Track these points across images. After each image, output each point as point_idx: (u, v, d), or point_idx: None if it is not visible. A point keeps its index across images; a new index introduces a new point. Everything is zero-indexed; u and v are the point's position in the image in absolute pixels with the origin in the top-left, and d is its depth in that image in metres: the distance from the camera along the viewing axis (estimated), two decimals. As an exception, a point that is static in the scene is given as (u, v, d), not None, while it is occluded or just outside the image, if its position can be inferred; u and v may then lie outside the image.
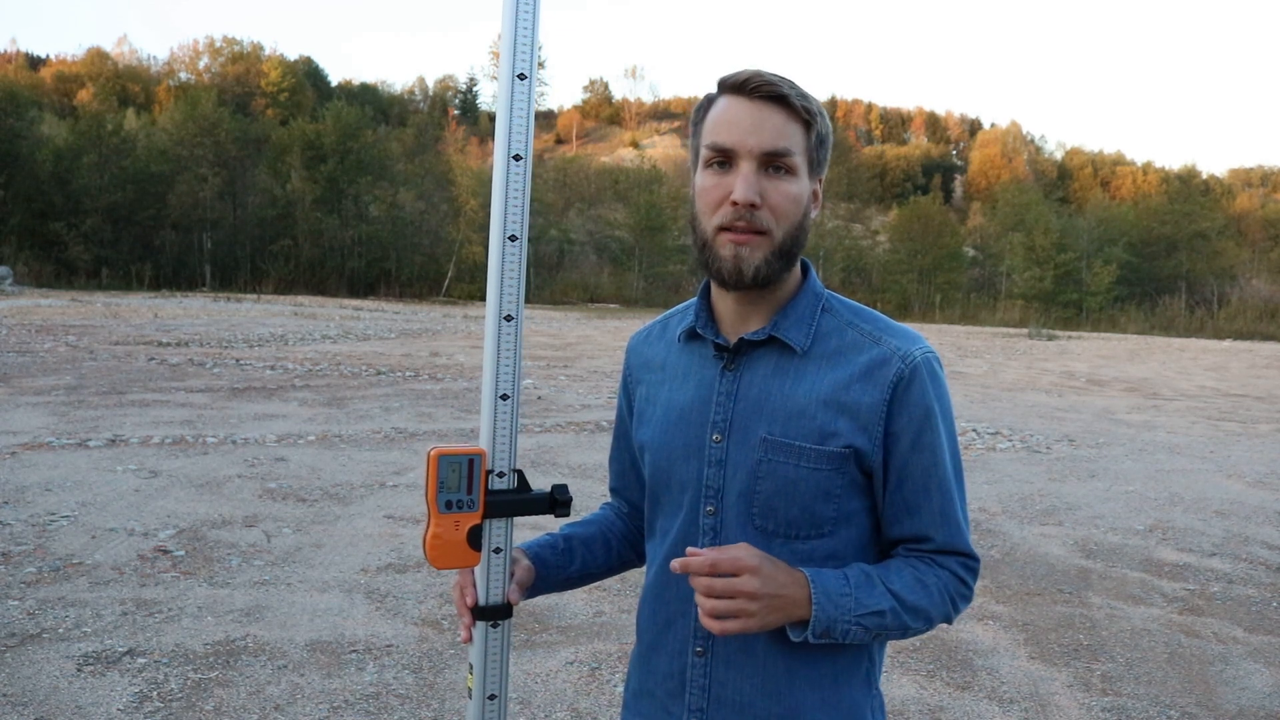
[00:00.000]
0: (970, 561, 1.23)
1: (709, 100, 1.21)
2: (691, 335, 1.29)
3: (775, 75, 1.15)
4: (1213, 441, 10.24)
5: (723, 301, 1.25)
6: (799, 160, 1.15)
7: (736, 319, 1.24)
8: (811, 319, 1.22)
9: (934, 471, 1.19)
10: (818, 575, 1.14)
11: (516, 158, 1.14)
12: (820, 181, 1.22)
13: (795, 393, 1.18)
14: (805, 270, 1.26)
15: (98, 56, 73.15)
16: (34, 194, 41.07)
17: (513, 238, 1.15)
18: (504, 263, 1.15)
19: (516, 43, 1.13)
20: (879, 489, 1.20)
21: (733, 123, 1.15)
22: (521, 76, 1.13)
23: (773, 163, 1.14)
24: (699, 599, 1.11)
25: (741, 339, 1.22)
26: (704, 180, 1.18)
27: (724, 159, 1.16)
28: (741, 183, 1.13)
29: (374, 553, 5.08)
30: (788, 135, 1.14)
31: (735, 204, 1.13)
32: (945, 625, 1.25)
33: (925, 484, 1.19)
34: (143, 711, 3.24)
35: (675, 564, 1.11)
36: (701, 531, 1.23)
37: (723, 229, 1.15)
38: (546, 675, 3.70)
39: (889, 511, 1.21)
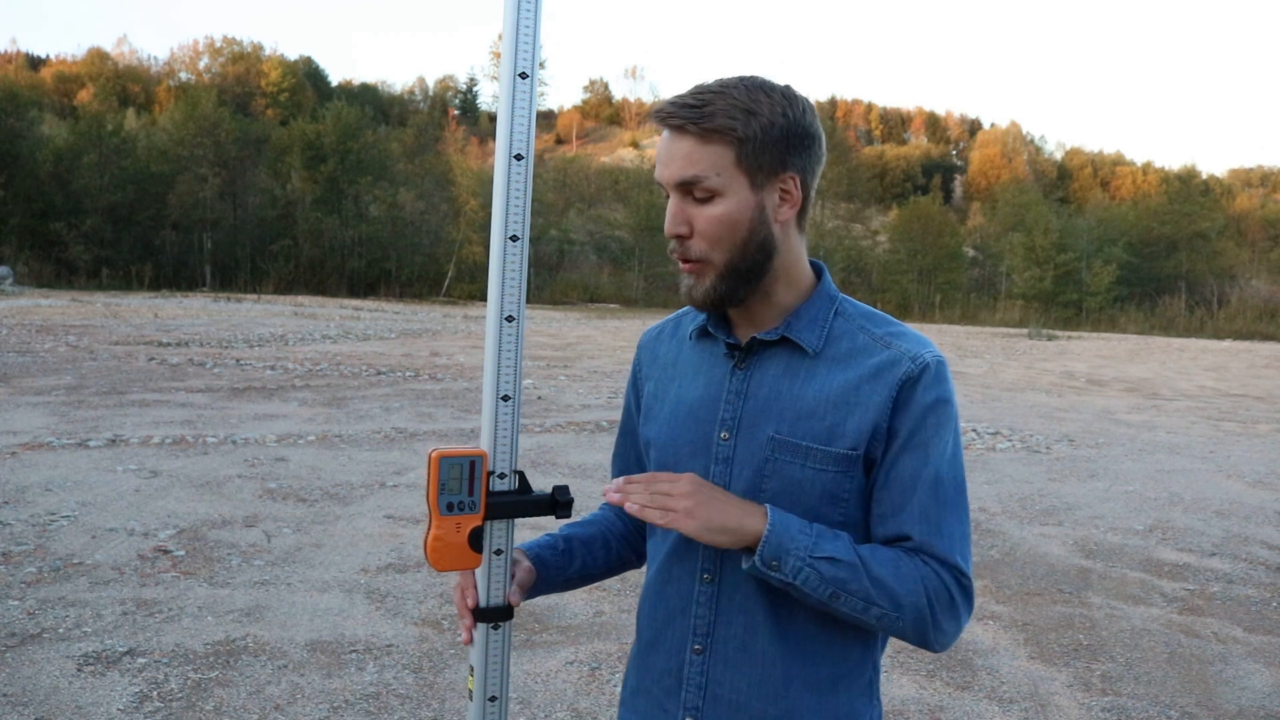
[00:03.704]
0: (961, 578, 1.15)
1: None
2: (703, 333, 1.29)
3: (688, 97, 1.14)
4: (1213, 441, 10.23)
5: None
6: (719, 182, 1.13)
7: (748, 319, 1.24)
8: (824, 321, 1.22)
9: (923, 471, 1.16)
10: (778, 509, 1.14)
11: (518, 157, 1.14)
12: (790, 179, 1.17)
13: (805, 393, 1.18)
14: (819, 273, 1.26)
15: (98, 56, 73.14)
16: (34, 194, 41.01)
17: (514, 238, 1.15)
18: (505, 263, 1.15)
19: (518, 41, 1.13)
20: (869, 487, 1.19)
21: (657, 156, 1.18)
22: (523, 75, 1.13)
23: (690, 191, 1.15)
24: (640, 497, 1.13)
25: (754, 338, 1.22)
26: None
27: (665, 191, 1.19)
28: (667, 216, 1.17)
29: (374, 553, 5.08)
30: (697, 161, 1.13)
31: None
32: (926, 643, 1.15)
33: (913, 483, 1.16)
34: (143, 711, 3.23)
35: (618, 483, 1.14)
36: None
37: (676, 256, 1.20)
38: (546, 675, 3.70)
39: (875, 510, 1.18)
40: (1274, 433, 11.20)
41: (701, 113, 1.13)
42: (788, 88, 1.17)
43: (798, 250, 1.23)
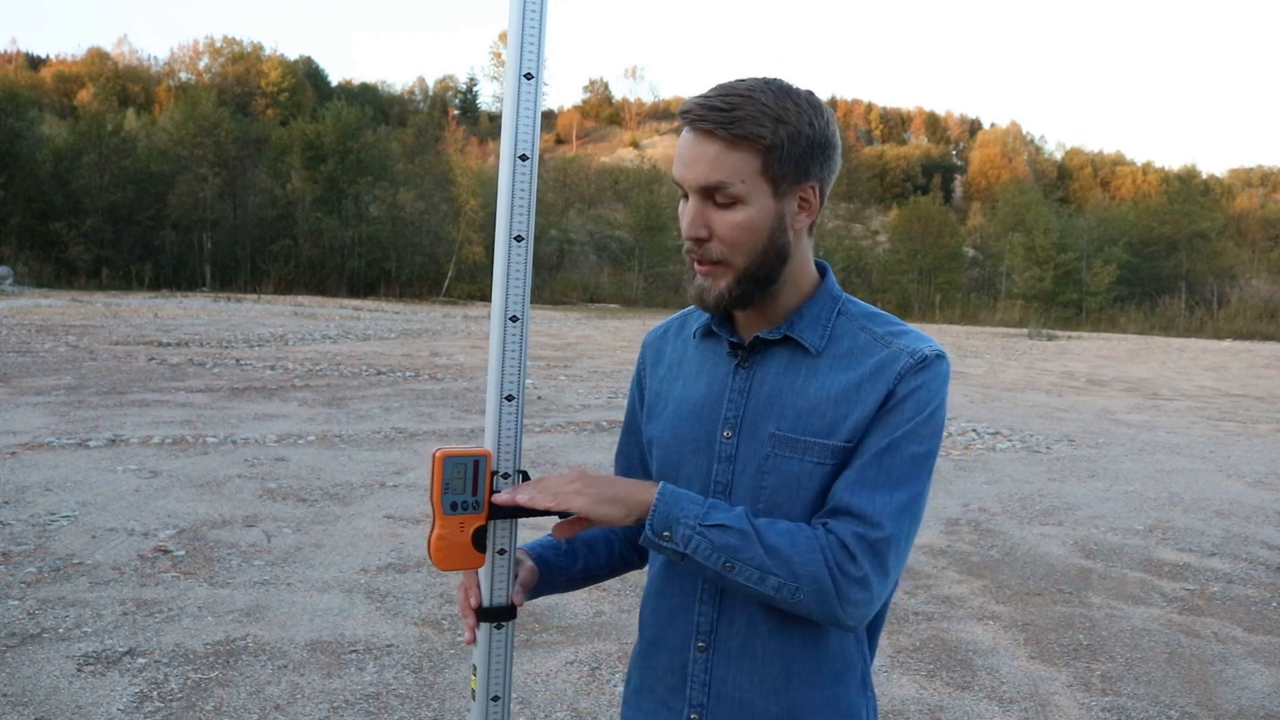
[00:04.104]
0: (869, 531, 1.10)
1: None
2: (707, 332, 1.30)
3: (716, 99, 1.12)
4: (1213, 441, 10.24)
5: None
6: (743, 189, 1.13)
7: (752, 318, 1.24)
8: (827, 321, 1.22)
9: (879, 444, 1.14)
10: (672, 485, 1.17)
11: (523, 158, 1.14)
12: (810, 188, 1.18)
13: (806, 391, 1.19)
14: (823, 272, 1.27)
15: (98, 56, 73.08)
16: (34, 194, 41.00)
17: (519, 238, 1.15)
18: (510, 263, 1.15)
19: (523, 42, 1.13)
20: None
21: (679, 156, 1.17)
22: (528, 76, 1.13)
23: (713, 196, 1.14)
24: (530, 488, 1.15)
25: (757, 337, 1.22)
26: (679, 209, 1.20)
27: (682, 190, 1.17)
28: (685, 219, 1.16)
29: (374, 553, 5.08)
30: (723, 166, 1.12)
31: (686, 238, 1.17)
32: (834, 617, 1.11)
33: (863, 451, 1.15)
34: (143, 711, 3.23)
35: (499, 497, 1.15)
36: None
37: (693, 257, 1.19)
38: (546, 675, 3.70)
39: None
40: (1274, 433, 11.20)
41: (731, 117, 1.11)
42: (810, 94, 1.17)
43: (806, 253, 1.24)
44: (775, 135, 1.12)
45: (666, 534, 1.12)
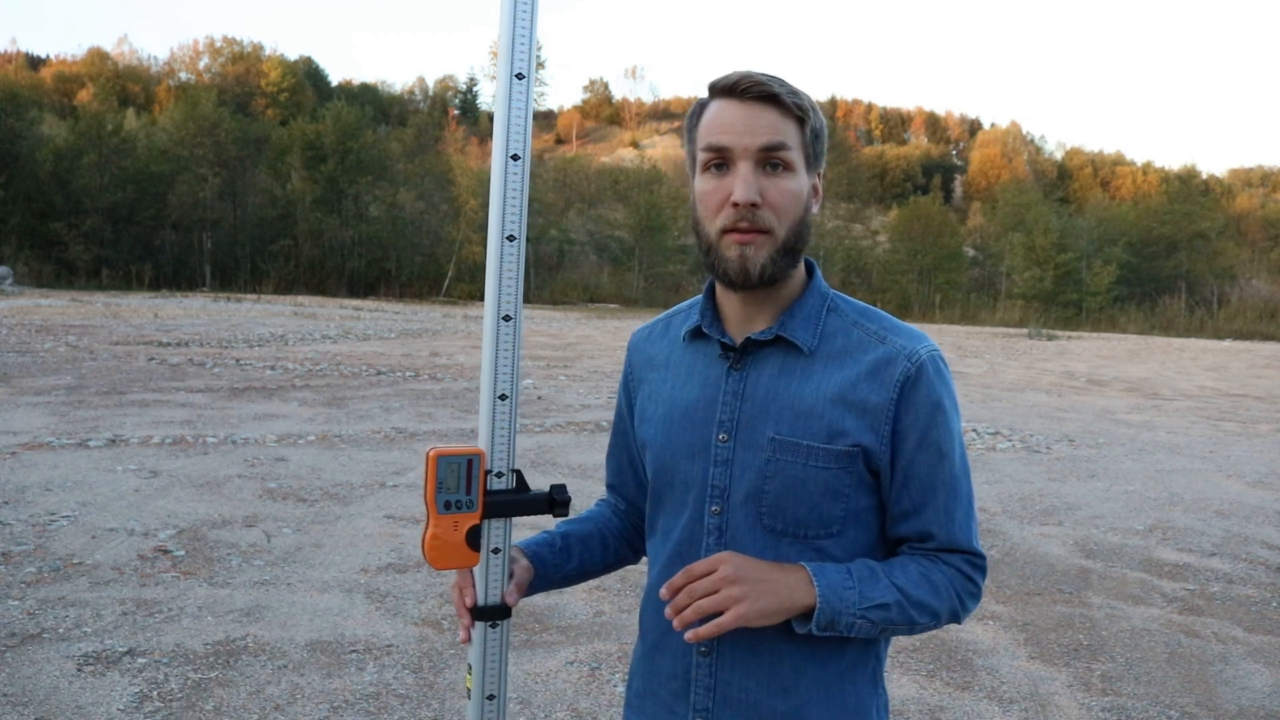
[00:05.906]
0: (976, 559, 1.23)
1: (701, 105, 1.22)
2: (696, 334, 1.29)
3: (765, 75, 1.17)
4: (1213, 441, 10.23)
5: (728, 301, 1.25)
6: (795, 156, 1.16)
7: (742, 318, 1.24)
8: (818, 319, 1.22)
9: (939, 469, 1.19)
10: (819, 568, 1.15)
11: (515, 157, 1.14)
12: (819, 176, 1.23)
13: (802, 392, 1.19)
14: (810, 270, 1.27)
15: (98, 56, 73.10)
16: (34, 194, 41.02)
17: (511, 237, 1.15)
18: (502, 263, 1.15)
19: (515, 42, 1.13)
20: (885, 487, 1.21)
21: (727, 124, 1.16)
22: (520, 76, 1.13)
23: (770, 159, 1.15)
24: (690, 613, 1.11)
25: (748, 338, 1.22)
26: (703, 184, 1.19)
27: (721, 160, 1.17)
28: (740, 183, 1.14)
29: (374, 553, 5.08)
30: (782, 131, 1.15)
31: (736, 205, 1.14)
32: (955, 625, 1.24)
33: (931, 482, 1.19)
34: (143, 711, 3.24)
35: (662, 592, 1.15)
36: (706, 531, 1.23)
37: (726, 231, 1.16)
38: (546, 675, 3.70)
39: (894, 509, 1.21)
40: (1274, 433, 11.20)
41: (790, 89, 1.17)
42: None
43: None
44: (813, 116, 1.19)
45: (829, 627, 1.14)
